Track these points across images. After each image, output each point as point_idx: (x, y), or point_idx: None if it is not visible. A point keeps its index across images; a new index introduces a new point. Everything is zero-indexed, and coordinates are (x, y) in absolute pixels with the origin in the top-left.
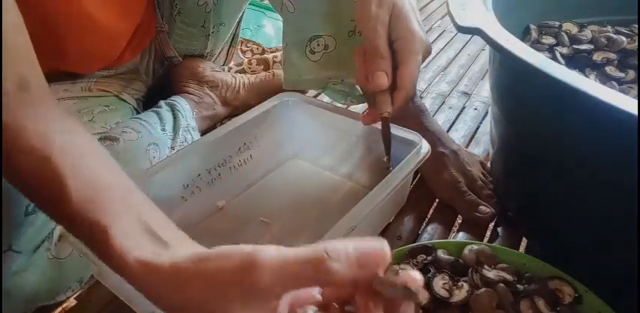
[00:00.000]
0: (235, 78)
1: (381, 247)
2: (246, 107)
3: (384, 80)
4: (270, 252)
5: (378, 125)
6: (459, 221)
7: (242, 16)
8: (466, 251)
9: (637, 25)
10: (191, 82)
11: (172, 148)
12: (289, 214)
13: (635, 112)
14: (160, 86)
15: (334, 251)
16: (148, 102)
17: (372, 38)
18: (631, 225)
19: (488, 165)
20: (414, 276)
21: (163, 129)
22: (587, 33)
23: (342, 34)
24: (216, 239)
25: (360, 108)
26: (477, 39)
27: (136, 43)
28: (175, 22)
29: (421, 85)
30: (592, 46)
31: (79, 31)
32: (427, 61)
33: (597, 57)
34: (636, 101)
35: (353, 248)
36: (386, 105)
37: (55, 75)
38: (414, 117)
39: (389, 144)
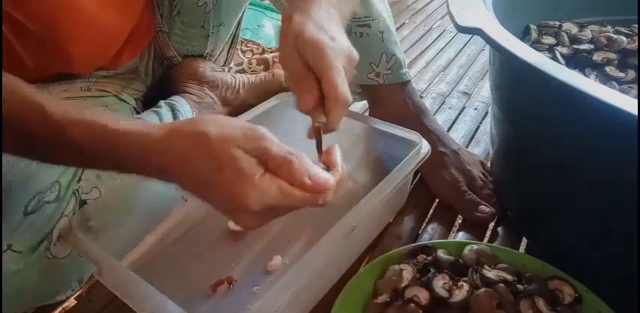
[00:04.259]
0: (235, 78)
1: None
2: (246, 107)
3: (307, 102)
4: None
5: (377, 125)
6: (459, 221)
7: (242, 16)
8: (466, 251)
9: (637, 25)
10: (191, 82)
11: None
12: (289, 214)
13: (635, 112)
14: (160, 86)
15: None
16: (148, 102)
17: (285, 67)
18: (631, 224)
19: (488, 165)
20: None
21: None
22: (587, 33)
23: None
24: (217, 239)
25: (360, 106)
26: (477, 39)
27: (135, 44)
28: (175, 23)
29: (421, 85)
30: (592, 46)
31: (74, 27)
32: (427, 61)
33: (597, 57)
34: (636, 101)
35: None
36: (318, 114)
37: (54, 75)
38: (414, 116)
39: (321, 151)
